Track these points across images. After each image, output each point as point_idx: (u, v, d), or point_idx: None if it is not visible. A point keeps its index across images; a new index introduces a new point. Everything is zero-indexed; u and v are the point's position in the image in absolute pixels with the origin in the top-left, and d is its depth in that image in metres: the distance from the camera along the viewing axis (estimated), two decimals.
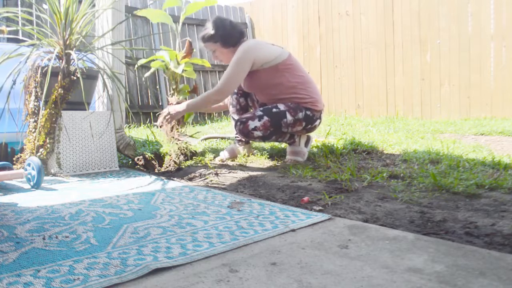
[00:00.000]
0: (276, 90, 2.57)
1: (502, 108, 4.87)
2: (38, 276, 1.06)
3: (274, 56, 2.54)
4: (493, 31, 4.87)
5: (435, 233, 1.37)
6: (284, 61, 2.55)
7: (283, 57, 2.56)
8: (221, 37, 2.60)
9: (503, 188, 1.86)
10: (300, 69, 2.62)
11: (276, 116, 2.51)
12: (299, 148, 2.72)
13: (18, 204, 1.83)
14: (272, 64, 2.53)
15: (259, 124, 2.50)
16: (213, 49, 2.67)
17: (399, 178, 2.16)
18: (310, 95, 2.57)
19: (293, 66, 2.57)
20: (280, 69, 2.54)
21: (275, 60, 2.53)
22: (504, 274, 1.04)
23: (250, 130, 2.52)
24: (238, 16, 7.26)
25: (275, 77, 2.54)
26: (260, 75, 2.57)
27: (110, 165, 2.70)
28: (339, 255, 1.18)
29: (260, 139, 2.57)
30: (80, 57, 2.59)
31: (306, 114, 2.55)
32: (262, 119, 2.51)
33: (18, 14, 2.55)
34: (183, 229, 1.44)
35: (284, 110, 2.51)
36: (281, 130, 2.55)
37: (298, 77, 2.57)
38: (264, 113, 2.52)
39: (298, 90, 2.55)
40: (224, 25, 2.61)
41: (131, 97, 5.58)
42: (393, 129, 4.19)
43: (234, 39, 2.61)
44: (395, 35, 5.64)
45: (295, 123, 2.53)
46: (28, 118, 2.53)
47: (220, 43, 2.62)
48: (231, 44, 2.62)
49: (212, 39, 2.62)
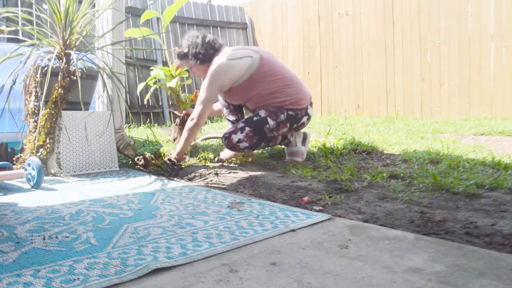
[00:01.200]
0: (255, 99, 2.61)
1: (502, 108, 4.86)
2: (38, 276, 1.06)
3: (243, 71, 2.54)
4: (493, 31, 4.87)
5: (435, 233, 1.37)
6: (257, 70, 2.54)
7: (253, 67, 2.54)
8: (194, 55, 2.64)
9: (503, 188, 1.86)
10: (276, 72, 2.59)
11: (257, 124, 2.54)
12: (297, 148, 2.73)
13: (18, 204, 1.83)
14: (245, 78, 2.55)
15: (242, 136, 2.53)
16: (189, 66, 2.72)
17: (399, 178, 2.16)
18: (291, 96, 2.56)
19: (267, 73, 2.56)
20: (255, 80, 2.55)
21: (245, 74, 2.54)
22: (504, 274, 1.04)
23: (235, 144, 2.54)
24: (238, 16, 7.26)
25: (250, 89, 2.58)
26: (234, 92, 2.63)
27: (110, 165, 2.70)
28: (339, 255, 1.18)
29: (249, 149, 2.59)
30: (80, 57, 2.59)
31: (288, 115, 2.56)
32: (244, 130, 2.54)
33: (18, 14, 2.55)
34: (183, 229, 1.44)
35: (265, 116, 2.54)
36: (266, 136, 2.57)
37: (274, 82, 2.56)
38: (245, 124, 2.56)
39: (277, 94, 2.56)
40: (196, 42, 2.64)
41: (131, 97, 5.59)
42: (393, 129, 4.19)
43: (208, 56, 2.64)
44: (395, 35, 5.63)
45: (279, 126, 2.55)
46: (28, 118, 2.53)
47: (195, 60, 2.65)
48: (205, 60, 2.64)
49: (186, 57, 2.68)
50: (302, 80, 6.53)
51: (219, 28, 6.94)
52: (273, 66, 2.61)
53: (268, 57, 2.64)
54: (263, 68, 2.56)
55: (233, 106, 2.84)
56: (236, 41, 7.08)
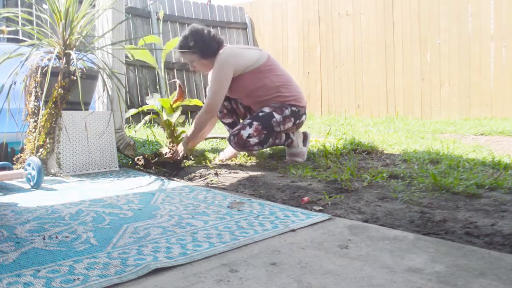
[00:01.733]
0: (261, 91, 2.60)
1: (502, 108, 4.87)
2: (38, 276, 1.06)
3: (254, 59, 2.58)
4: (493, 31, 4.87)
5: (435, 233, 1.37)
6: (264, 63, 2.60)
7: (263, 59, 2.60)
8: (200, 49, 2.59)
9: (503, 188, 1.86)
10: (280, 69, 2.67)
11: (265, 118, 2.55)
12: (298, 149, 2.73)
13: (18, 204, 1.83)
14: (254, 67, 2.57)
15: (251, 131, 2.51)
16: (191, 60, 2.67)
17: (399, 178, 2.16)
18: (293, 93, 2.62)
19: (273, 67, 2.63)
20: (262, 71, 2.58)
21: (256, 63, 2.58)
22: (504, 274, 1.04)
23: (245, 139, 2.50)
24: (238, 16, 7.26)
25: (259, 79, 2.59)
26: (244, 79, 2.60)
27: (110, 165, 2.70)
28: (339, 255, 1.18)
29: (258, 145, 2.56)
30: (80, 57, 2.59)
31: (292, 110, 2.59)
32: (252, 125, 2.52)
33: (18, 14, 2.55)
34: (183, 229, 1.44)
35: (271, 111, 2.56)
36: (274, 130, 2.57)
37: (280, 76, 2.62)
38: (252, 119, 2.56)
39: (282, 89, 2.60)
40: (203, 36, 2.59)
41: (131, 97, 5.58)
42: (393, 129, 4.19)
43: (213, 50, 2.60)
44: (395, 35, 5.64)
45: (285, 120, 2.57)
46: (28, 118, 2.53)
47: (199, 54, 2.61)
48: (209, 55, 2.61)
49: (190, 50, 2.60)
50: (302, 80, 6.56)
51: (219, 28, 6.95)
52: (277, 63, 2.70)
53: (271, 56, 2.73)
54: (270, 62, 2.63)
55: (226, 109, 2.84)
56: (236, 41, 7.09)
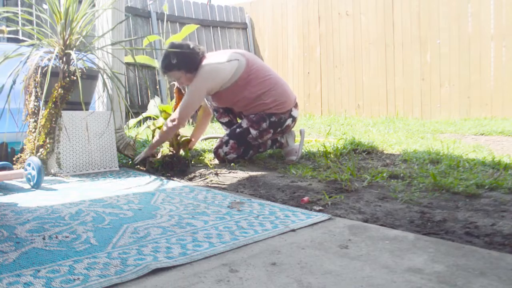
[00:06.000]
0: (242, 102, 2.64)
1: (502, 108, 4.86)
2: (38, 276, 1.06)
3: (230, 75, 2.57)
4: (493, 31, 4.87)
5: (435, 233, 1.37)
6: (242, 75, 2.58)
7: (241, 70, 2.58)
8: (184, 64, 2.59)
9: (503, 188, 1.86)
10: (262, 74, 2.62)
11: (240, 136, 2.64)
12: (289, 148, 2.79)
13: (18, 204, 1.82)
14: (231, 82, 2.58)
15: (227, 149, 2.66)
16: (178, 77, 2.64)
17: (399, 178, 2.16)
18: (276, 97, 2.60)
19: (253, 76, 2.59)
20: (240, 85, 2.59)
21: (233, 78, 2.57)
22: (504, 274, 1.04)
23: (223, 157, 2.67)
24: (238, 16, 7.26)
25: (238, 92, 2.60)
26: (223, 95, 2.65)
27: (110, 165, 2.70)
28: (339, 255, 1.18)
29: (239, 158, 2.68)
30: (80, 57, 2.59)
31: (271, 122, 2.61)
32: (228, 143, 2.66)
33: (18, 14, 2.55)
34: (183, 229, 1.44)
35: (247, 127, 2.62)
36: (252, 144, 2.67)
37: (261, 83, 2.60)
38: (229, 137, 2.66)
39: (263, 97, 2.60)
40: (184, 51, 2.59)
41: (131, 97, 5.58)
42: (393, 129, 4.19)
43: (196, 63, 2.60)
44: (395, 35, 5.63)
45: (262, 133, 2.62)
46: (28, 118, 2.53)
47: (184, 69, 2.60)
48: (194, 68, 2.60)
49: (176, 68, 2.59)
50: (302, 80, 6.56)
51: (219, 28, 6.94)
52: (259, 67, 2.65)
53: (253, 58, 2.70)
54: (249, 72, 2.60)
55: (222, 109, 2.86)
56: (236, 41, 7.08)
